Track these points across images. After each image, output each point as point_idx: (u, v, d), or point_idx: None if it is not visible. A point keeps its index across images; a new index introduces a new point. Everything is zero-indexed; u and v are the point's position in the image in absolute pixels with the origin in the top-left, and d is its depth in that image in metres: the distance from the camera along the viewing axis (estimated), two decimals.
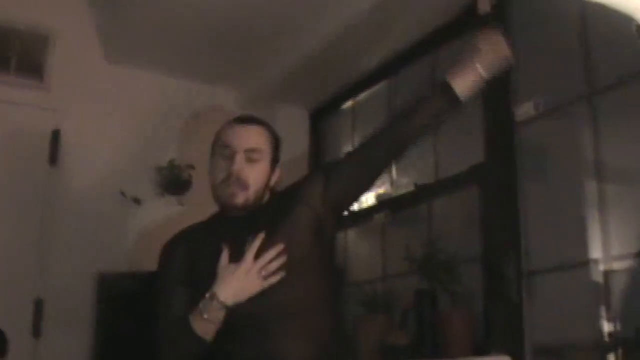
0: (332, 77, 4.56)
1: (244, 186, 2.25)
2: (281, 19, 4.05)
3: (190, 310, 2.20)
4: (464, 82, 2.19)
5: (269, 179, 2.33)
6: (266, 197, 2.35)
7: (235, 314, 2.19)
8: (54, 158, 4.26)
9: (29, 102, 4.24)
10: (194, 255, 2.32)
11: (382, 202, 4.21)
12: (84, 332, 4.02)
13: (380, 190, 4.21)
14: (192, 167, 4.43)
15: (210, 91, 4.82)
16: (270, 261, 2.18)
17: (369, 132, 2.53)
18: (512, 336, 3.11)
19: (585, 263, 2.93)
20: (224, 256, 2.20)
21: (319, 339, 2.23)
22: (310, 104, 4.94)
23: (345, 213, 2.72)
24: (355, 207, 4.43)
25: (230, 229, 2.29)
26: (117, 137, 4.43)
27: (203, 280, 2.22)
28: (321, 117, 5.00)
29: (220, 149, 2.31)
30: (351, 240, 4.53)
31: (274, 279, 2.18)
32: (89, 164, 4.35)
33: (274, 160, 2.36)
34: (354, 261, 4.48)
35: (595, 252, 2.91)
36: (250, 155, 2.27)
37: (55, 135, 4.28)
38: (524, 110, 3.31)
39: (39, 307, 4.04)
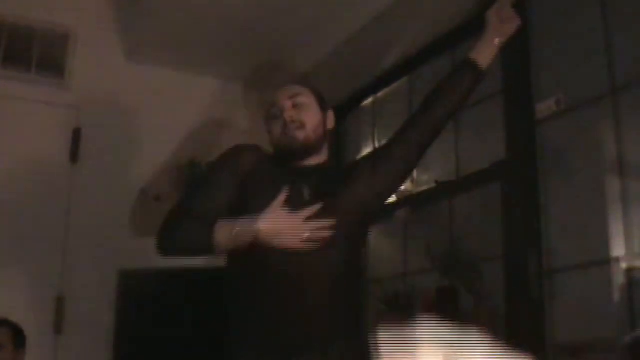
0: (352, 75, 4.55)
1: (301, 126, 2.40)
2: (301, 18, 4.04)
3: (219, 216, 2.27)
4: (485, 56, 2.46)
5: (323, 121, 2.49)
6: (326, 149, 2.50)
7: (271, 267, 2.24)
8: (75, 156, 4.28)
9: (50, 100, 4.27)
10: (255, 176, 2.39)
11: (403, 199, 4.19)
12: (104, 329, 4.04)
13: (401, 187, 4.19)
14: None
15: (231, 89, 4.83)
16: (318, 230, 2.24)
17: (391, 128, 2.56)
18: (533, 335, 3.09)
19: (607, 261, 2.90)
20: (282, 196, 2.24)
21: (340, 316, 2.29)
22: (331, 101, 4.92)
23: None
24: None
25: (292, 177, 2.37)
26: (138, 135, 4.44)
27: (246, 204, 2.30)
28: (341, 114, 4.98)
29: (270, 112, 2.46)
30: (372, 237, 4.52)
31: (310, 246, 2.23)
32: (110, 162, 4.37)
33: (322, 106, 2.51)
34: (375, 258, 4.47)
35: (618, 250, 2.88)
36: (296, 101, 2.44)
37: (77, 134, 4.30)
38: (546, 107, 3.29)
39: (60, 304, 4.06)
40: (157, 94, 4.54)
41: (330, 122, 2.54)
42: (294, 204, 2.25)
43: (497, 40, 2.46)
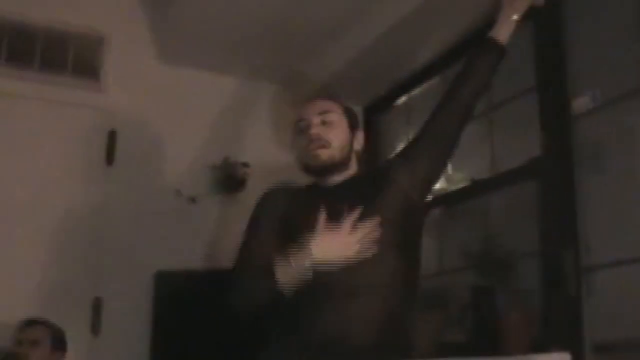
0: (386, 73, 4.54)
1: (326, 145, 2.38)
2: (333, 16, 4.04)
3: (273, 258, 2.24)
4: (503, 33, 2.54)
5: (351, 141, 2.47)
6: (354, 164, 2.49)
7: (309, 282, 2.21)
8: (110, 158, 4.30)
9: (86, 103, 4.30)
10: (290, 210, 2.40)
11: (438, 197, 4.17)
12: (141, 331, 4.06)
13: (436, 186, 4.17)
14: (246, 165, 4.44)
15: (264, 89, 4.83)
16: (366, 235, 2.23)
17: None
18: (571, 333, 3.06)
19: None
20: (322, 215, 2.25)
21: (380, 325, 2.24)
22: (364, 100, 4.92)
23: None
24: None
25: (325, 195, 2.37)
26: (173, 136, 4.46)
27: (292, 235, 2.28)
28: (375, 112, 4.97)
29: (297, 125, 2.45)
30: None
31: (365, 254, 2.23)
32: (145, 163, 4.39)
33: (352, 125, 2.48)
34: None
35: None
36: (324, 118, 2.41)
37: (112, 136, 4.33)
38: (582, 102, 3.25)
39: (97, 305, 4.09)
40: (191, 95, 4.56)
41: (359, 142, 2.51)
42: (335, 220, 2.24)
43: (513, 17, 2.54)
